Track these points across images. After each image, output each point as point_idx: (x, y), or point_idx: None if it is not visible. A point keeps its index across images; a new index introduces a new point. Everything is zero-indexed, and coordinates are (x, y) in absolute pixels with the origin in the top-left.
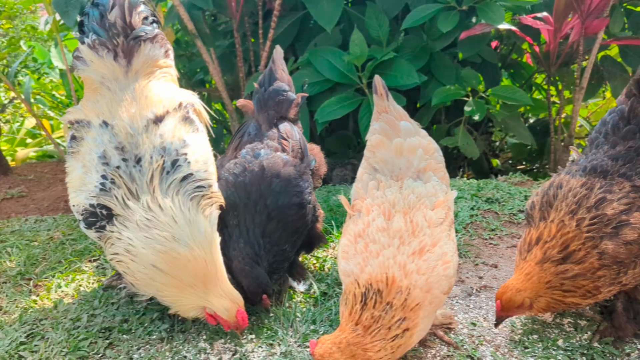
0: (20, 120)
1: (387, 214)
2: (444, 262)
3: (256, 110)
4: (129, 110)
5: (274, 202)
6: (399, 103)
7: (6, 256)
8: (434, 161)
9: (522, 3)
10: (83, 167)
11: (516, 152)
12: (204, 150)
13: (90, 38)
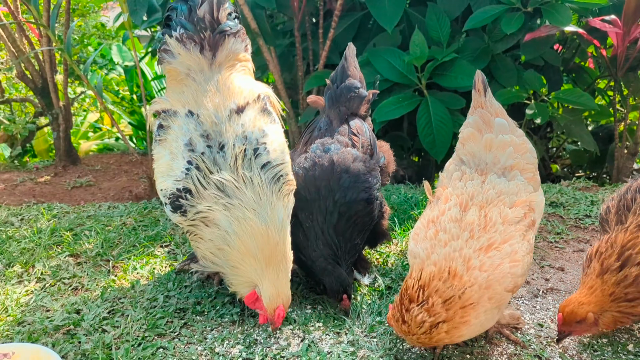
0: (84, 115)
1: (464, 206)
2: (512, 260)
3: (327, 105)
4: (214, 100)
5: (342, 198)
6: (458, 105)
7: (85, 238)
8: (524, 161)
9: (589, 5)
10: (170, 153)
11: (575, 158)
12: (280, 141)
13: (179, 31)
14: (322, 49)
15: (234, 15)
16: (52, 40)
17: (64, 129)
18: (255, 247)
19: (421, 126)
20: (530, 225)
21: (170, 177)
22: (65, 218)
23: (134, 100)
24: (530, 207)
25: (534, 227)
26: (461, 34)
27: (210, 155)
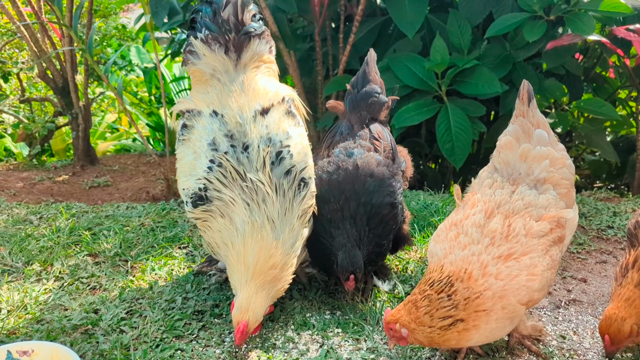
0: (102, 115)
1: (489, 213)
2: (530, 273)
3: (348, 110)
4: (238, 101)
5: (367, 201)
6: (478, 112)
7: (103, 238)
8: (559, 175)
9: (613, 14)
10: (194, 153)
11: (595, 169)
12: (304, 143)
13: (204, 33)
14: (342, 54)
15: (258, 17)
16: (74, 40)
17: (83, 129)
18: (253, 257)
19: (440, 133)
20: (556, 241)
21: (193, 177)
22: (84, 217)
23: (152, 102)
24: (558, 223)
25: (560, 243)
26: (482, 41)
27: (234, 155)
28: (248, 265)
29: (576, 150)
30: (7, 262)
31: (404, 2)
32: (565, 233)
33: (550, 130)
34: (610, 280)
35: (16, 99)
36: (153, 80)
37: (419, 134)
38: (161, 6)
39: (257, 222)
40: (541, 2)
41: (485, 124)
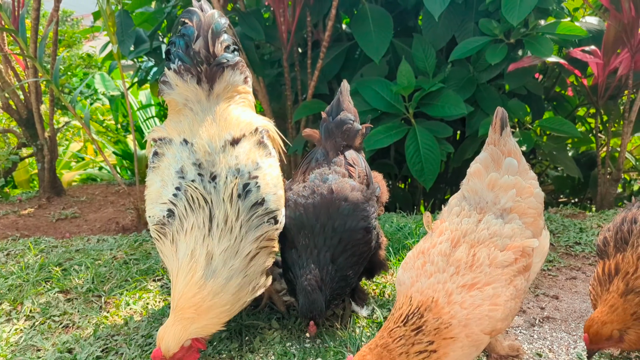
0: (66, 144)
1: (455, 242)
2: (492, 303)
3: (323, 137)
4: (209, 131)
5: (341, 225)
6: (445, 133)
7: (74, 273)
8: (526, 205)
9: (569, 36)
10: (161, 181)
11: (559, 184)
12: (274, 174)
13: (176, 64)
14: (310, 79)
15: (232, 48)
16: (38, 71)
17: (48, 160)
18: (179, 291)
19: (409, 154)
20: (521, 270)
21: (159, 205)
22: (54, 252)
23: (119, 130)
24: (524, 253)
25: (526, 272)
26: (447, 64)
27: (200, 184)
28: (175, 296)
29: (540, 167)
30: None
31: (369, 27)
32: (532, 262)
33: (521, 159)
34: (582, 296)
35: None
36: (119, 108)
37: (388, 155)
38: (127, 35)
39: (195, 256)
40: (501, 26)
41: (453, 144)
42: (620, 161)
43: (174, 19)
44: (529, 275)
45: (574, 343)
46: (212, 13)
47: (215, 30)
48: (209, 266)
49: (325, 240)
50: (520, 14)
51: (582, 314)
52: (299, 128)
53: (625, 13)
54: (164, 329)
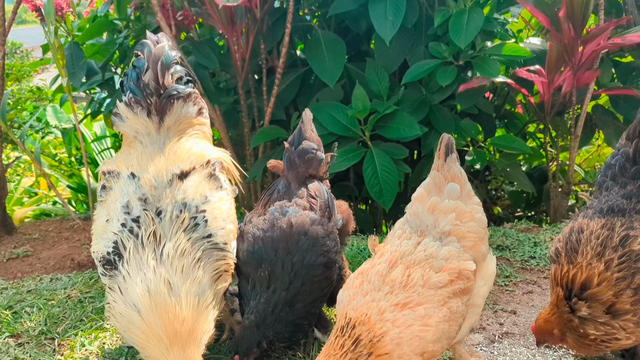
0: (17, 180)
1: (392, 263)
2: (424, 324)
3: (286, 168)
4: (157, 164)
5: (300, 261)
6: (402, 154)
7: (26, 316)
8: (465, 229)
9: (515, 57)
10: (107, 215)
11: (514, 199)
12: (224, 208)
13: (127, 96)
14: (266, 106)
15: (185, 80)
16: None
17: None
18: (160, 326)
19: (368, 176)
20: (457, 293)
21: (103, 240)
22: (4, 295)
23: (73, 163)
24: (460, 275)
25: (465, 295)
26: (400, 87)
27: (145, 221)
28: (159, 336)
29: (496, 182)
30: None
31: (322, 53)
32: (472, 285)
33: (465, 184)
34: (539, 310)
35: None
36: (73, 141)
37: (348, 177)
38: (78, 67)
39: (153, 290)
40: (450, 49)
41: (410, 164)
42: (570, 174)
43: (126, 50)
44: (469, 299)
45: (533, 357)
46: (162, 45)
47: (165, 62)
48: (171, 289)
49: (283, 277)
50: (467, 37)
51: None
52: (257, 155)
53: (565, 33)
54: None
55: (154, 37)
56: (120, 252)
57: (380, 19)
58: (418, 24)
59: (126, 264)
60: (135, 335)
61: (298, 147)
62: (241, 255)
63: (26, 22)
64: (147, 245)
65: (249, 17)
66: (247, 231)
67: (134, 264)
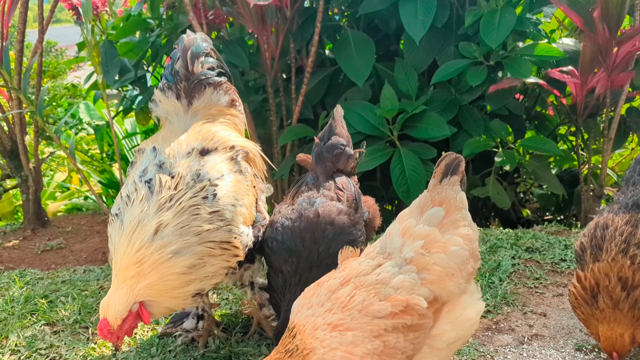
0: (51, 175)
1: (345, 280)
2: (347, 351)
3: (314, 162)
4: (179, 139)
5: (326, 250)
6: (430, 155)
7: (61, 305)
8: (431, 260)
9: (547, 57)
10: (126, 183)
11: (544, 202)
12: (239, 189)
13: (162, 82)
14: (295, 104)
15: (217, 71)
16: (23, 102)
17: (33, 191)
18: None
19: (395, 176)
20: (400, 328)
21: (116, 201)
22: (39, 284)
23: (104, 159)
24: (408, 310)
25: (410, 333)
26: (429, 86)
27: (156, 182)
28: (116, 261)
29: (525, 185)
30: None
31: (352, 52)
32: (424, 323)
33: (454, 211)
34: (569, 313)
35: None
36: (104, 137)
37: (374, 177)
38: (112, 65)
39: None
40: (480, 49)
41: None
42: (602, 178)
43: (158, 48)
44: (418, 338)
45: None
46: (194, 37)
47: (195, 51)
48: (158, 234)
49: (311, 267)
50: (499, 37)
51: (570, 330)
52: (284, 153)
53: (600, 34)
54: (108, 297)
55: (191, 33)
56: (129, 197)
57: (410, 19)
58: (448, 23)
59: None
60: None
61: (327, 142)
62: (270, 244)
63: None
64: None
65: (279, 16)
66: (276, 221)
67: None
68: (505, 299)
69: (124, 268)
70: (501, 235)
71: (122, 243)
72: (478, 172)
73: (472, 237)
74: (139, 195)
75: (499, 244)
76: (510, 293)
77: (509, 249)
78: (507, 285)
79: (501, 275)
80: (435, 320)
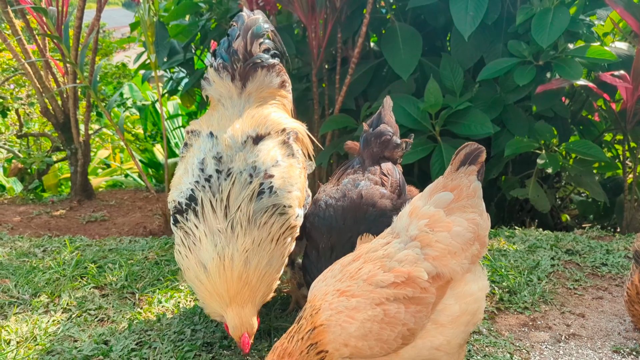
0: (95, 151)
1: (357, 257)
2: (349, 315)
3: (361, 147)
4: (234, 126)
5: (365, 231)
6: None
7: (109, 271)
8: (434, 237)
9: (599, 60)
10: (184, 169)
11: (583, 209)
12: (293, 174)
13: (217, 62)
14: (337, 95)
15: (272, 52)
16: (78, 77)
17: (81, 164)
18: (223, 287)
19: (435, 171)
20: (401, 298)
21: (177, 190)
22: (88, 250)
23: (147, 139)
24: (410, 281)
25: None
26: (474, 84)
27: (216, 182)
28: (221, 294)
29: (564, 191)
30: (14, 294)
31: (398, 45)
32: (426, 297)
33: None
34: (608, 316)
35: (12, 133)
36: (148, 117)
37: (412, 172)
38: (162, 46)
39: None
40: (530, 48)
41: None
42: None
43: (207, 32)
44: (420, 312)
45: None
46: (256, 17)
47: (256, 31)
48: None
49: (347, 246)
50: (550, 36)
51: (609, 332)
52: (324, 142)
53: None
54: (236, 317)
55: (249, 12)
56: (192, 206)
57: (460, 14)
58: (498, 21)
59: (199, 222)
60: (200, 290)
61: (376, 129)
62: (312, 220)
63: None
64: (217, 208)
65: (328, 6)
66: (320, 198)
67: (206, 227)
68: (543, 297)
69: (236, 295)
70: (540, 236)
71: (216, 279)
72: (518, 173)
73: (478, 222)
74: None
75: (538, 244)
76: (548, 292)
77: (548, 249)
78: (545, 284)
79: (540, 274)
80: (439, 298)
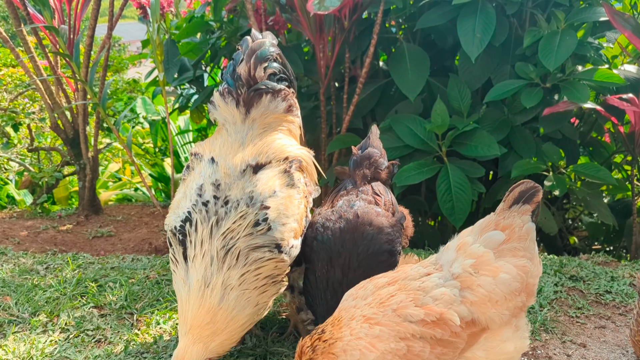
0: (105, 164)
1: (393, 280)
2: (370, 343)
3: (352, 169)
4: (235, 153)
5: (364, 251)
6: (477, 173)
7: (109, 290)
8: (477, 281)
9: (607, 83)
10: (184, 193)
11: (592, 232)
12: (290, 205)
13: (222, 86)
14: (345, 113)
15: (278, 77)
16: (88, 94)
17: (89, 179)
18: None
19: (441, 192)
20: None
21: (175, 214)
22: (90, 268)
23: (157, 153)
24: (440, 323)
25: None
26: (482, 105)
27: (213, 208)
28: (187, 319)
29: (574, 212)
30: (14, 313)
31: (406, 66)
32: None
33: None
34: (610, 346)
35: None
36: (159, 132)
37: (419, 192)
38: (172, 63)
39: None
40: (537, 70)
41: (485, 184)
42: None
43: (217, 50)
44: (447, 356)
45: None
46: (262, 41)
47: (260, 55)
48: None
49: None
50: (557, 59)
51: None
52: (331, 160)
53: None
54: (183, 349)
55: (258, 34)
56: (187, 230)
57: (467, 36)
58: (506, 42)
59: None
60: (179, 306)
61: (365, 151)
62: (310, 244)
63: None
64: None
65: (337, 25)
66: (316, 221)
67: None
68: (544, 325)
69: (197, 326)
70: (545, 261)
71: (190, 302)
72: None
73: (528, 269)
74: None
75: (542, 269)
76: (550, 320)
77: (552, 275)
78: (547, 311)
79: (542, 301)
80: (469, 345)
